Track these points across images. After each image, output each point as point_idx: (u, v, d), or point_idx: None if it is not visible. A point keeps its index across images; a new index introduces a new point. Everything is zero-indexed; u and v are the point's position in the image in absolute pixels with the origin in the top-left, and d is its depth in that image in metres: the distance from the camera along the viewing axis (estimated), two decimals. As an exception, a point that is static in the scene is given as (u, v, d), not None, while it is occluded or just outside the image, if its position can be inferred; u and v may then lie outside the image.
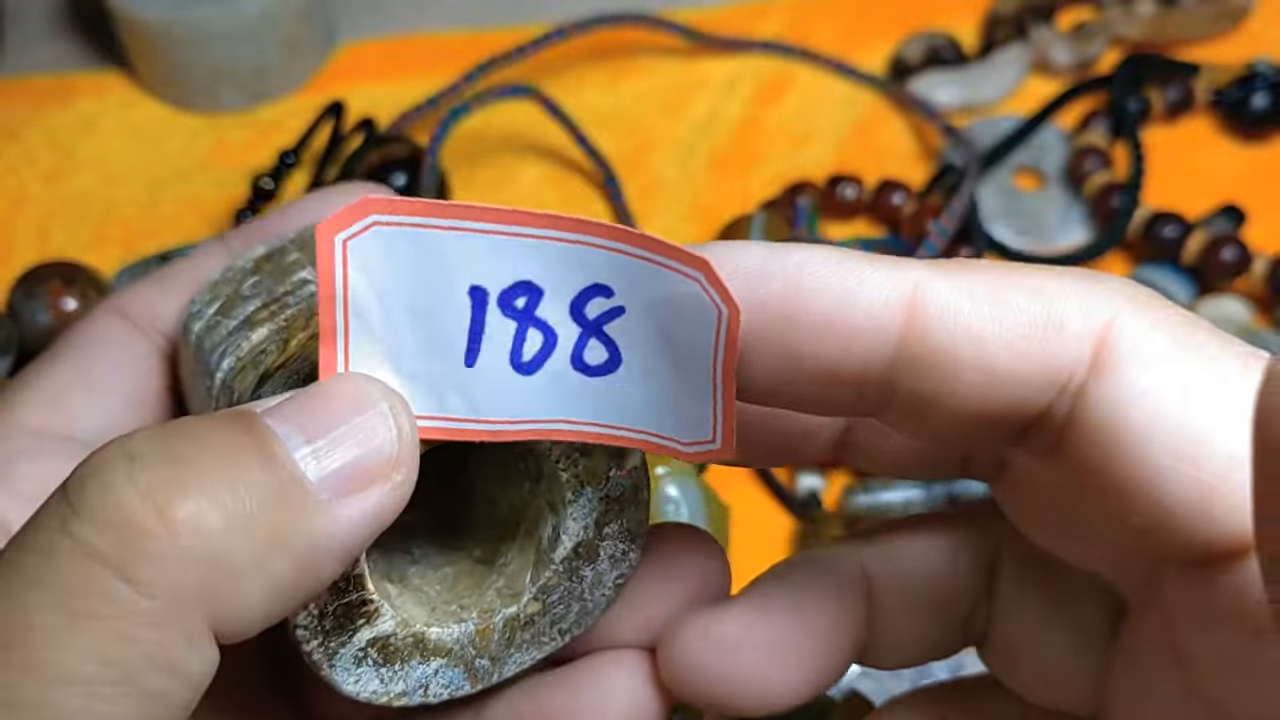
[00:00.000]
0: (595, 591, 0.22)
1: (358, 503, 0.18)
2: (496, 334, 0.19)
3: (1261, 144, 0.49)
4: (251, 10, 0.48)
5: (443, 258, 0.18)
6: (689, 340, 0.18)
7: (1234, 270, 0.43)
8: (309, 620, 0.20)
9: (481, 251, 0.18)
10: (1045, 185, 0.48)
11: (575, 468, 0.21)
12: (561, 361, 0.19)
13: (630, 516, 0.22)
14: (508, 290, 0.18)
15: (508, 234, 0.18)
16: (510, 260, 0.18)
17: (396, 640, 0.21)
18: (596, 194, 0.49)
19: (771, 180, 0.48)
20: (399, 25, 0.54)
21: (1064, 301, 0.17)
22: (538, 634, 0.22)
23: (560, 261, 0.18)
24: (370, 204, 0.18)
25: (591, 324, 0.19)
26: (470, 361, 0.19)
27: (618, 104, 0.51)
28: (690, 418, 0.19)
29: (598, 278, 0.18)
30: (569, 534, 0.21)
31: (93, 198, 0.49)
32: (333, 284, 0.18)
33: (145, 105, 0.52)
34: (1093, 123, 0.48)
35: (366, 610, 0.20)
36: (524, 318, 0.19)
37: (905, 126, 0.50)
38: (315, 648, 0.20)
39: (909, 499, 0.40)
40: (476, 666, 0.21)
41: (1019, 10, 0.52)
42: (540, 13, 0.54)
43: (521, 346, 0.19)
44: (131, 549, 0.16)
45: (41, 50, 0.54)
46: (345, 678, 0.20)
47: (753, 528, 0.41)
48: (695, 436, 0.19)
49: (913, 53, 0.51)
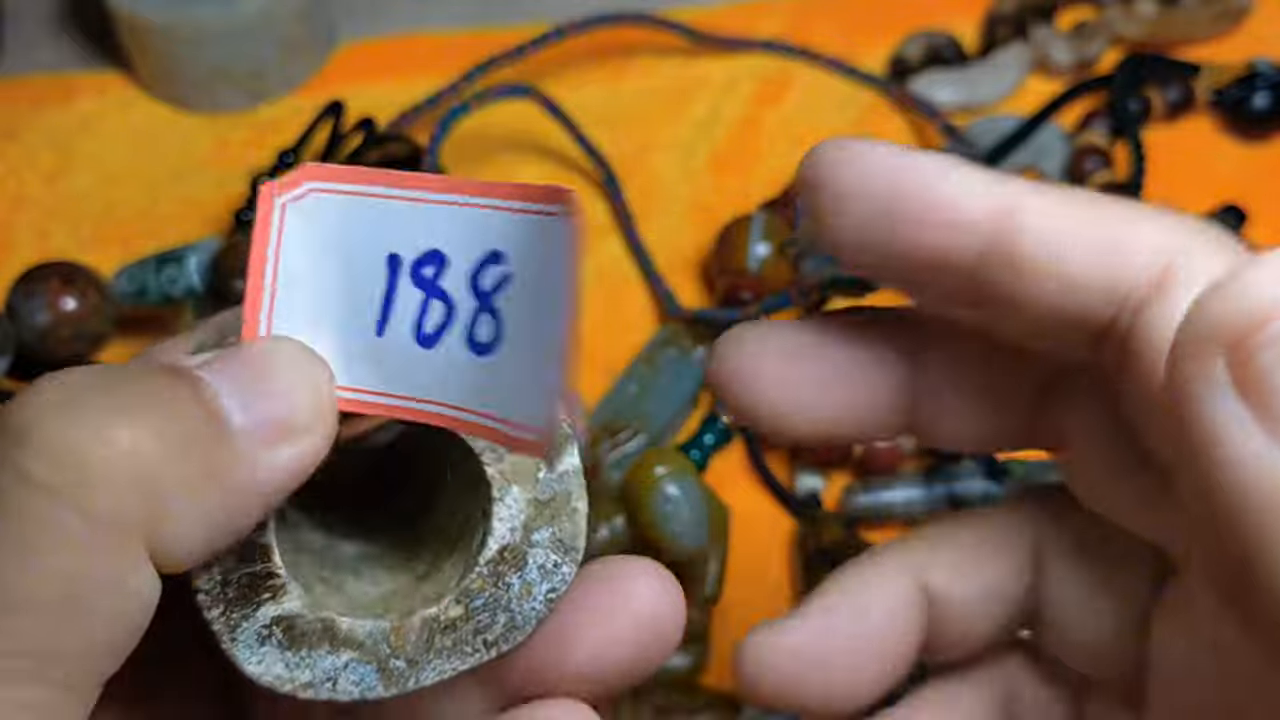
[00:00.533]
0: (524, 604, 0.21)
1: (280, 453, 0.19)
2: (405, 304, 0.19)
3: (1262, 144, 0.49)
4: (251, 10, 0.48)
5: (370, 225, 0.18)
6: (552, 291, 0.18)
7: (1234, 270, 0.43)
8: (211, 585, 0.19)
9: (402, 218, 0.18)
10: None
11: (501, 463, 0.21)
12: (457, 336, 0.19)
13: (563, 525, 0.21)
14: (420, 259, 0.18)
15: (424, 200, 0.18)
16: (424, 227, 0.18)
17: (303, 623, 0.20)
18: (596, 194, 0.49)
19: (772, 180, 0.48)
20: (399, 25, 0.54)
21: (1141, 225, 0.18)
22: (460, 641, 0.21)
23: (464, 227, 0.18)
24: (309, 170, 0.18)
25: (485, 296, 0.18)
26: (380, 331, 0.19)
27: (618, 104, 0.51)
28: (541, 403, 0.18)
29: (494, 244, 0.18)
30: (495, 536, 0.21)
31: (92, 197, 0.49)
32: (265, 244, 0.19)
33: (145, 105, 0.52)
34: (1093, 122, 0.48)
35: (272, 584, 0.20)
36: (430, 288, 0.19)
37: (905, 126, 0.50)
38: (217, 617, 0.20)
39: (909, 499, 0.40)
40: (391, 667, 0.20)
41: (1019, 10, 0.52)
42: (540, 12, 0.54)
43: (424, 319, 0.19)
44: (75, 476, 0.17)
45: (41, 50, 0.54)
46: (248, 655, 0.20)
47: (753, 528, 0.41)
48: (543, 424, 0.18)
49: (913, 52, 0.51)
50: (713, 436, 0.41)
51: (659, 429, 0.41)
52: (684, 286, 0.46)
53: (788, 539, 0.41)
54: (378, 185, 0.18)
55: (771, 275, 0.43)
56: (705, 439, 0.41)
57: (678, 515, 0.35)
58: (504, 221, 0.18)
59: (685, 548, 0.35)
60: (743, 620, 0.39)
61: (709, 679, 0.37)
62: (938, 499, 0.40)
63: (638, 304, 0.46)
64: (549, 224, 0.18)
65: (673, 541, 0.35)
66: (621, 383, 0.42)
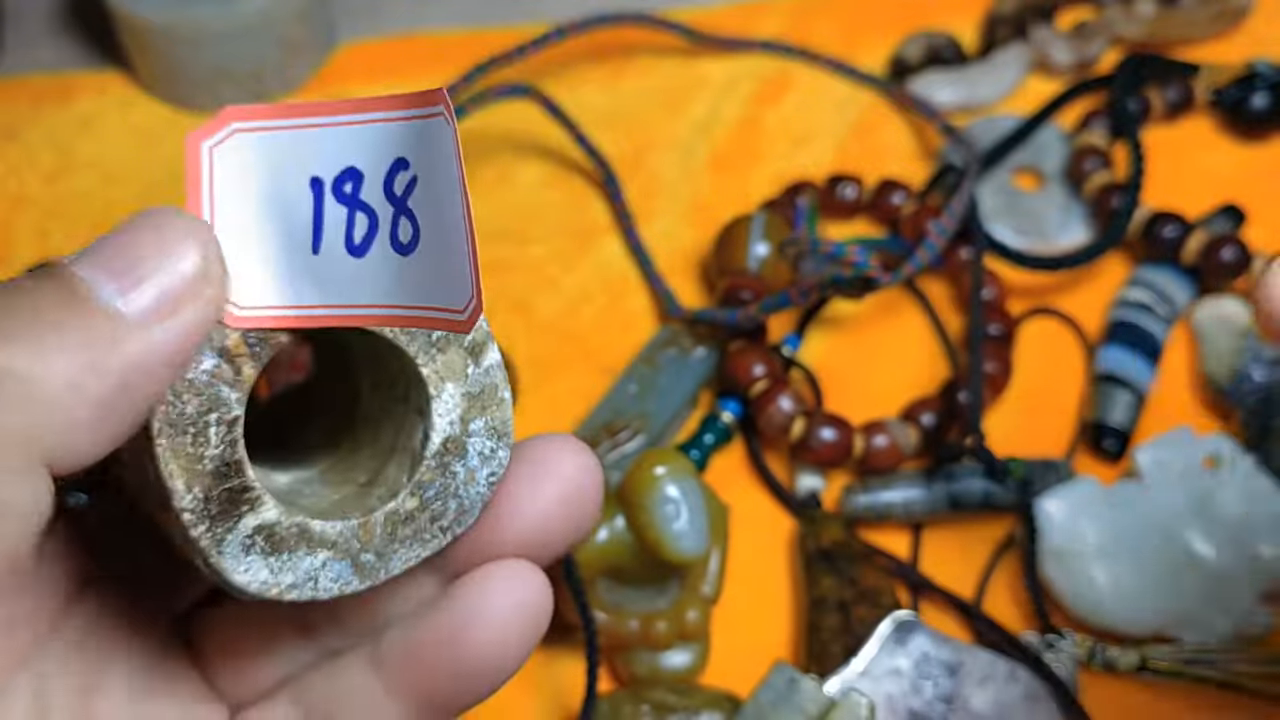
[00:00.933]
0: (469, 489, 0.23)
1: (172, 323, 0.20)
2: (332, 220, 0.20)
3: (1261, 144, 0.50)
4: (251, 10, 0.48)
5: (290, 155, 0.20)
6: (445, 184, 0.19)
7: (1234, 270, 0.43)
8: (195, 504, 0.21)
9: (318, 144, 0.20)
10: (1045, 185, 0.48)
11: (434, 363, 0.23)
12: (383, 243, 0.20)
13: (494, 414, 0.23)
14: (338, 178, 0.20)
15: (334, 124, 0.20)
16: (337, 149, 0.20)
17: (281, 529, 0.22)
18: (596, 193, 0.49)
19: (771, 180, 0.49)
20: (398, 25, 0.54)
21: None
22: (419, 530, 0.23)
23: (371, 143, 0.20)
24: (231, 112, 0.20)
25: (399, 200, 0.20)
26: (316, 249, 0.20)
27: (617, 103, 0.51)
28: (459, 283, 0.20)
29: (397, 151, 0.20)
30: (437, 431, 0.23)
31: (92, 197, 0.49)
32: (199, 189, 0.20)
33: (145, 105, 0.52)
34: (1092, 122, 0.48)
35: (249, 496, 0.21)
36: (352, 201, 0.20)
37: (905, 126, 0.51)
38: (203, 533, 0.21)
39: (909, 499, 0.40)
40: (362, 561, 0.22)
41: (1019, 10, 0.52)
42: (540, 12, 0.54)
43: (352, 230, 0.20)
44: None
45: (41, 50, 0.54)
46: (234, 566, 0.21)
47: (753, 527, 0.41)
48: (465, 300, 0.20)
49: (912, 52, 0.52)
50: (712, 436, 0.42)
51: (659, 429, 0.41)
52: (684, 286, 0.46)
53: (788, 538, 0.41)
54: (293, 118, 0.20)
55: (771, 275, 0.44)
56: (705, 439, 0.42)
57: (678, 515, 0.35)
58: (401, 130, 0.20)
59: (685, 547, 0.35)
60: (742, 620, 0.39)
61: (709, 678, 0.38)
62: (938, 499, 0.40)
63: (638, 304, 0.46)
64: (433, 125, 0.19)
65: (673, 541, 0.35)
66: (621, 382, 0.42)
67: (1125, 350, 0.43)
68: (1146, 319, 0.44)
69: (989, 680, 0.36)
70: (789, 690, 0.34)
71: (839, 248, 0.40)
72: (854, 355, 0.45)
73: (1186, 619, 0.38)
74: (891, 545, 0.40)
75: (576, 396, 0.43)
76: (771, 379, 0.41)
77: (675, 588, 0.38)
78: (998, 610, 0.39)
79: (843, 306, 0.45)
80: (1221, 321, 0.44)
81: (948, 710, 0.35)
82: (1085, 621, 0.38)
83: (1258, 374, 0.42)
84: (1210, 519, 0.39)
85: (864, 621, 0.37)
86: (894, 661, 0.35)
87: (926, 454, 0.41)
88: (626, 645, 0.37)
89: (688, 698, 0.36)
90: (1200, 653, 0.37)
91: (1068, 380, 0.44)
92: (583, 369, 0.44)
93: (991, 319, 0.43)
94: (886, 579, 0.39)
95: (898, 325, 0.45)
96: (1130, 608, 0.38)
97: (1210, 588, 0.38)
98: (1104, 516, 0.39)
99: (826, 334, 0.45)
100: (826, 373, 0.44)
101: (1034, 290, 0.46)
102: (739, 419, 0.42)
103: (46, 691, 0.22)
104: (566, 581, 0.35)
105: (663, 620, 0.37)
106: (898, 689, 0.35)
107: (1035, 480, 0.40)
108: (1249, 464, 0.40)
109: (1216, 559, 0.38)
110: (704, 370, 0.43)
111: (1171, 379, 0.44)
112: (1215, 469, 0.40)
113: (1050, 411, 0.43)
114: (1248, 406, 0.42)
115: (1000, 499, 0.40)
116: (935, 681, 0.35)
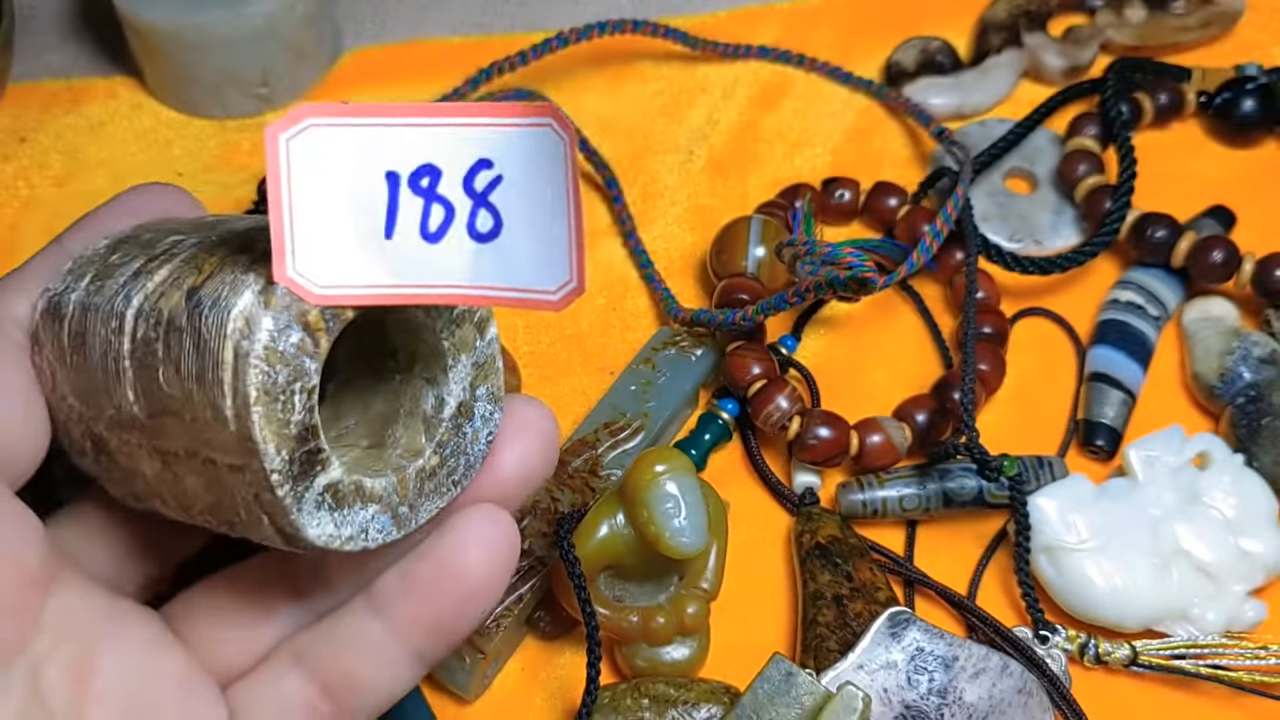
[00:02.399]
0: (474, 447, 0.26)
1: None
2: (407, 210, 0.22)
3: (1250, 147, 0.50)
4: (258, 17, 0.49)
5: (366, 149, 0.22)
6: (548, 184, 0.22)
7: (1223, 272, 0.44)
8: (282, 465, 0.23)
9: (394, 141, 0.22)
10: (1037, 189, 0.49)
11: (452, 337, 0.25)
12: (459, 231, 0.23)
13: (493, 381, 0.26)
14: (414, 172, 0.22)
15: (411, 125, 0.22)
16: (415, 147, 0.22)
17: (344, 487, 0.24)
18: (597, 197, 0.49)
19: (769, 183, 0.49)
20: (403, 32, 0.55)
21: None
22: (439, 484, 0.26)
23: (451, 144, 0.22)
24: (307, 109, 0.22)
25: (480, 195, 0.22)
26: (389, 235, 0.22)
27: (618, 109, 0.52)
28: (554, 266, 0.23)
29: (481, 153, 0.22)
30: (452, 396, 0.26)
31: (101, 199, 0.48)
32: (277, 177, 0.22)
33: (153, 109, 0.52)
34: (1084, 127, 0.48)
35: (321, 458, 0.23)
36: (429, 195, 0.22)
37: (899, 131, 0.51)
38: (286, 493, 0.23)
39: (903, 495, 0.40)
40: (399, 513, 0.25)
41: (1012, 16, 0.53)
42: (542, 20, 0.54)
43: (428, 220, 0.23)
44: None
45: (51, 55, 0.54)
46: (309, 521, 0.23)
47: (751, 523, 0.41)
48: (559, 281, 0.23)
49: (907, 58, 0.52)
50: (711, 435, 0.42)
51: (658, 427, 0.41)
52: (683, 288, 0.47)
53: (785, 534, 0.41)
54: (369, 116, 0.22)
55: (768, 276, 0.44)
56: (704, 437, 0.42)
57: (677, 512, 0.35)
58: (490, 134, 0.22)
59: (684, 543, 0.35)
60: (740, 614, 0.39)
61: (708, 671, 0.38)
62: (932, 496, 0.40)
63: (638, 305, 0.46)
64: (539, 135, 0.22)
65: (672, 537, 0.35)
66: (621, 382, 0.42)
67: (1116, 350, 0.44)
68: (1137, 319, 0.44)
69: (982, 674, 0.36)
70: (786, 683, 0.34)
71: (835, 250, 0.41)
72: (850, 355, 0.45)
73: (1177, 614, 0.38)
74: (886, 541, 0.41)
75: (577, 396, 0.44)
76: (769, 378, 0.41)
77: (675, 583, 0.38)
78: (991, 605, 0.39)
79: (839, 307, 0.46)
80: (1210, 322, 0.44)
81: (942, 703, 0.35)
82: (1077, 616, 0.39)
83: (1246, 373, 0.42)
84: (1200, 516, 0.39)
85: (860, 616, 0.37)
86: (889, 655, 0.36)
87: (921, 452, 0.41)
88: (627, 639, 0.37)
89: (687, 690, 0.36)
90: (1190, 647, 0.38)
91: (1060, 379, 0.44)
92: (583, 369, 0.45)
93: (984, 319, 0.43)
94: (882, 574, 0.39)
95: (893, 326, 0.46)
96: (1121, 603, 0.38)
97: (1200, 583, 0.38)
98: (1095, 513, 0.39)
99: (823, 334, 0.46)
100: (823, 372, 0.44)
101: (1026, 291, 0.46)
102: (737, 418, 0.43)
103: (41, 676, 0.23)
104: (569, 577, 0.35)
105: (662, 615, 0.37)
106: (893, 682, 0.36)
107: (1028, 478, 0.40)
108: (1238, 462, 0.40)
109: (1206, 555, 0.39)
110: (703, 370, 0.43)
111: (1161, 378, 0.44)
112: (1205, 467, 0.40)
113: (1042, 410, 0.44)
114: (1236, 405, 0.42)
115: (993, 496, 0.40)
116: (930, 675, 0.36)
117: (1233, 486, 0.40)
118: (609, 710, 0.36)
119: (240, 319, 0.22)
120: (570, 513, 0.37)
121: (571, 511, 0.37)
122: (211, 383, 0.22)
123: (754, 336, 0.43)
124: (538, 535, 0.39)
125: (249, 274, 0.23)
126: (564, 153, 0.22)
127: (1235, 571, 0.38)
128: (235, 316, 0.22)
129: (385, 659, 0.26)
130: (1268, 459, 0.40)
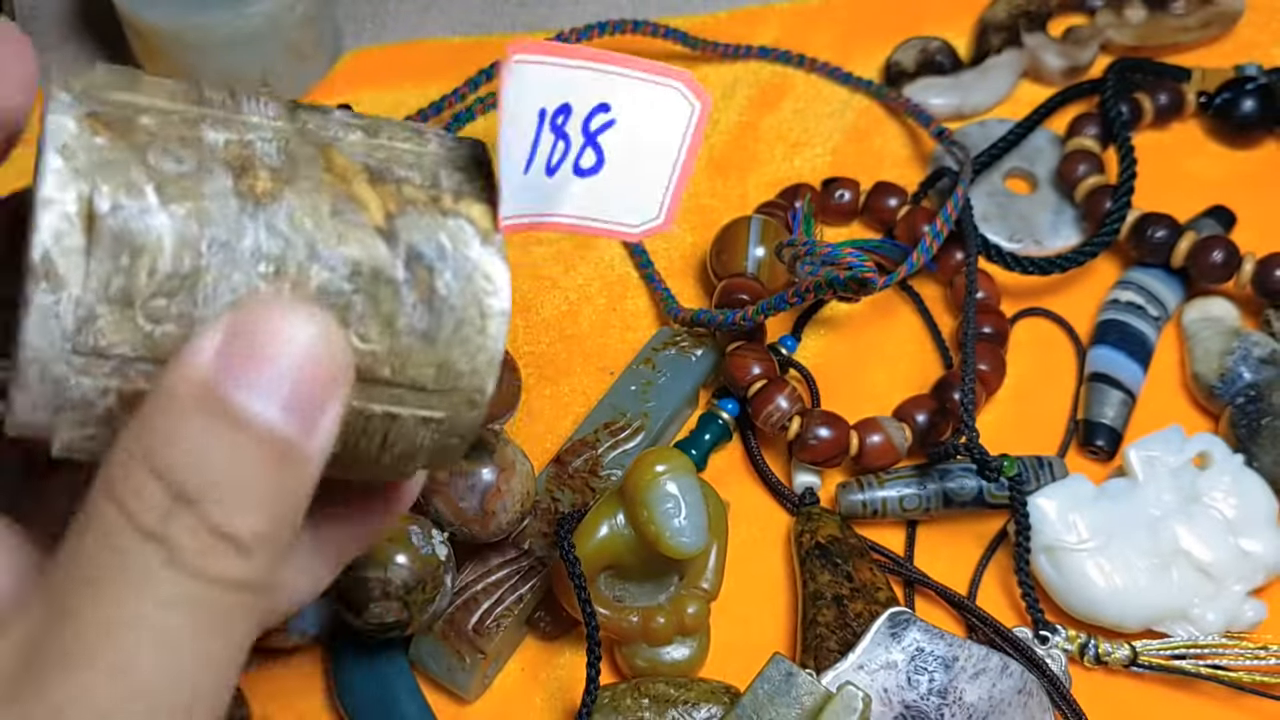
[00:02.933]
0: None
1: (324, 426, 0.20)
2: (544, 147, 0.23)
3: (1250, 147, 0.50)
4: (258, 17, 0.49)
5: (532, 86, 0.23)
6: (661, 137, 0.24)
7: (1223, 272, 0.44)
8: None
9: (551, 80, 0.23)
10: (1037, 189, 0.49)
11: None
12: (569, 165, 0.24)
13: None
14: (556, 110, 0.23)
15: (571, 66, 0.23)
16: (559, 86, 0.23)
17: None
18: (597, 197, 0.49)
19: (769, 184, 0.49)
20: (403, 32, 0.55)
21: None
22: None
23: (588, 86, 0.23)
24: (516, 44, 0.23)
25: (591, 136, 0.24)
26: (526, 170, 0.23)
27: (618, 109, 0.52)
28: (643, 205, 0.25)
29: (604, 97, 0.24)
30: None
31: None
32: (502, 105, 0.23)
33: (153, 110, 0.52)
34: (1084, 127, 0.48)
35: None
36: (559, 132, 0.23)
37: (899, 131, 0.51)
38: None
39: (903, 496, 0.40)
40: None
41: (1012, 17, 0.53)
42: (542, 20, 0.55)
43: (552, 155, 0.24)
44: None
45: (52, 55, 0.54)
46: None
47: (751, 523, 0.41)
48: (645, 218, 0.25)
49: (907, 58, 0.52)
50: (711, 435, 0.42)
51: (659, 427, 0.42)
52: (683, 288, 0.47)
53: (785, 534, 0.41)
54: (553, 55, 0.23)
55: (768, 277, 0.44)
56: (704, 437, 0.42)
57: (678, 512, 0.35)
58: (621, 83, 0.24)
59: (684, 543, 0.35)
60: (741, 614, 0.39)
61: (708, 671, 0.38)
62: (932, 496, 0.40)
63: (638, 305, 0.46)
64: (662, 92, 0.24)
65: (672, 537, 0.35)
66: (621, 382, 0.43)
67: (1116, 350, 0.44)
68: (1137, 319, 0.44)
69: (982, 674, 0.36)
70: (786, 683, 0.34)
71: (835, 250, 0.41)
72: (850, 355, 0.45)
73: (1177, 614, 0.38)
74: (886, 541, 0.41)
75: (577, 396, 0.44)
76: (769, 378, 0.41)
77: (675, 583, 0.38)
78: (991, 605, 0.39)
79: (839, 308, 0.46)
80: (1210, 322, 0.44)
81: (942, 703, 0.35)
82: (1077, 616, 0.39)
83: (1246, 373, 0.42)
84: (1200, 516, 0.39)
85: (860, 616, 0.38)
86: (889, 655, 0.36)
87: (921, 452, 0.42)
88: (627, 639, 0.37)
89: (687, 690, 0.36)
90: (1190, 647, 0.38)
91: (1060, 380, 0.45)
92: (583, 369, 0.45)
93: (984, 319, 0.44)
94: (882, 574, 0.39)
95: (893, 326, 0.46)
96: (1121, 603, 0.38)
97: (1200, 583, 0.39)
98: (1095, 513, 0.39)
99: (823, 334, 0.46)
100: (823, 372, 0.44)
101: (1026, 291, 0.46)
102: (737, 418, 0.43)
103: None
104: (569, 577, 0.35)
105: (662, 615, 0.37)
106: (893, 682, 0.36)
107: (1028, 478, 0.41)
108: (1238, 462, 0.40)
109: (1206, 555, 0.39)
110: (703, 370, 0.43)
111: (1161, 378, 0.44)
112: (1204, 467, 0.40)
113: (1042, 410, 0.44)
114: (1236, 405, 0.42)
115: (993, 496, 0.40)
116: (930, 675, 0.36)
117: (1233, 486, 0.40)
118: (609, 710, 0.36)
119: (485, 279, 0.22)
120: (570, 513, 0.37)
121: (571, 511, 0.37)
122: (450, 342, 0.22)
123: (754, 337, 0.43)
124: (538, 535, 0.39)
125: (458, 217, 0.22)
126: (688, 116, 0.24)
127: (1235, 571, 0.39)
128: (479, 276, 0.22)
129: None
130: (1268, 459, 0.41)
